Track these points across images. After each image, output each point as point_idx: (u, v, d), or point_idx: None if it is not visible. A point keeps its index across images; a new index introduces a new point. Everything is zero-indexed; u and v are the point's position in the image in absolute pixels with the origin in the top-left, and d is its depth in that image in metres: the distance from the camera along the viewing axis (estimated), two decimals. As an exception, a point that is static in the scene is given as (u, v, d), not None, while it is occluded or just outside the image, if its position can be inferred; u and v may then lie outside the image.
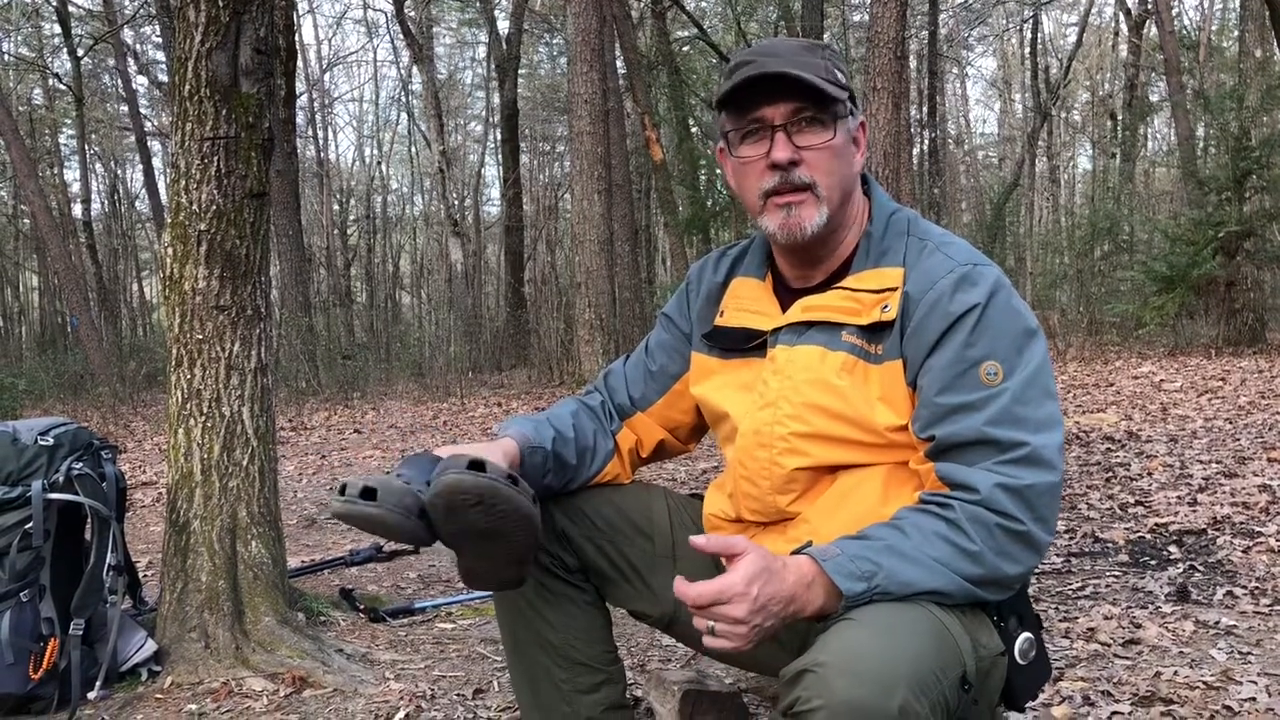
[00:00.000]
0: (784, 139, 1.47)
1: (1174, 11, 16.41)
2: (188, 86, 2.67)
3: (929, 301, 1.41)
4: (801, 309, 1.53)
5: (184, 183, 2.70)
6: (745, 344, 1.60)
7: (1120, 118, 22.32)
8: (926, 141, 21.33)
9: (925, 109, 21.40)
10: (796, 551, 1.31)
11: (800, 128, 1.47)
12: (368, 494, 1.30)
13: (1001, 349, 1.38)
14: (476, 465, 1.32)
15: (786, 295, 1.59)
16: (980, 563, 1.30)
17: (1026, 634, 1.39)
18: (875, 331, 1.46)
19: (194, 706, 2.47)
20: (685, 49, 18.89)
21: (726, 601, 1.20)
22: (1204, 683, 2.25)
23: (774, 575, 1.23)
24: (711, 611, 1.22)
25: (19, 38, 22.38)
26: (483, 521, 1.34)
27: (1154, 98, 22.96)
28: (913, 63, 19.04)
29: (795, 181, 1.47)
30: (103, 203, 27.57)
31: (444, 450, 1.45)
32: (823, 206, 1.48)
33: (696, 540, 1.27)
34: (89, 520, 2.61)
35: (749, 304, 1.62)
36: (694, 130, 16.40)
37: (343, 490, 1.32)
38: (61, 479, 2.54)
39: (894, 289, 1.46)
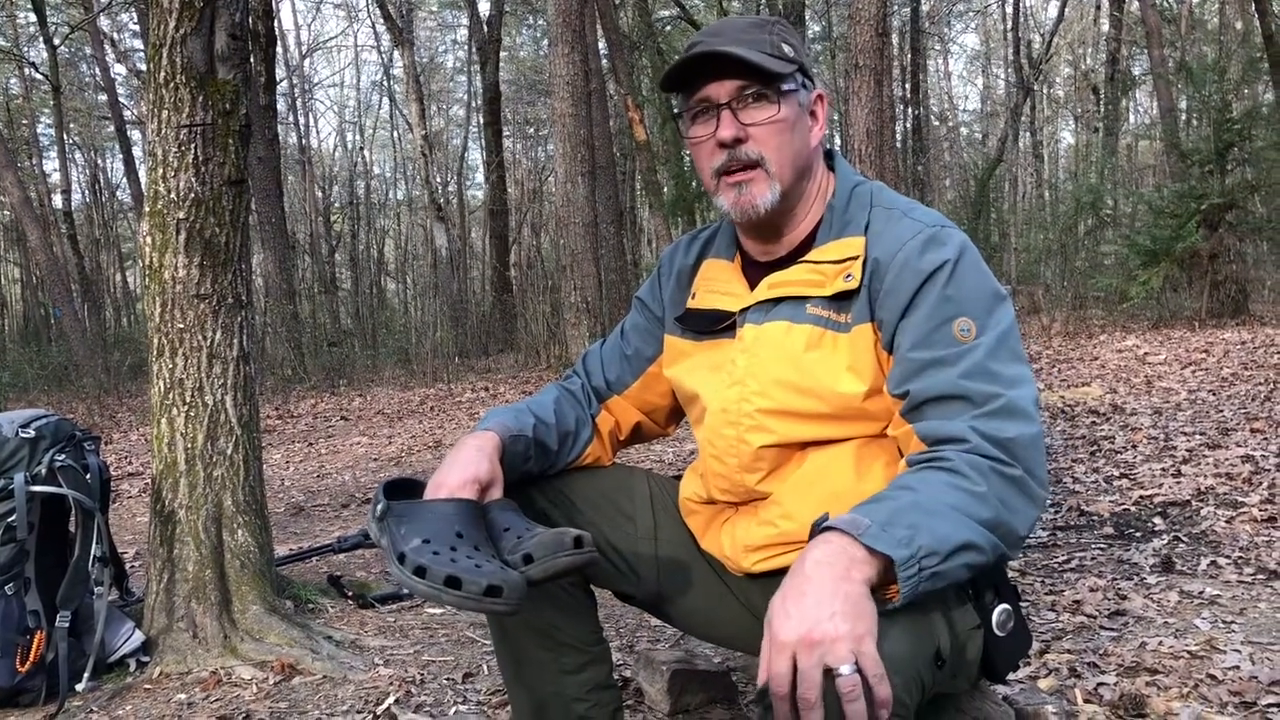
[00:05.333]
0: (729, 117, 1.48)
1: (1155, -16, 16.38)
2: (163, 73, 2.65)
3: (899, 262, 1.41)
4: (768, 286, 1.53)
5: (161, 171, 2.68)
6: (716, 325, 1.60)
7: (1102, 91, 22.33)
8: (910, 119, 21.31)
9: (908, 86, 21.38)
10: (817, 525, 1.23)
11: (746, 105, 1.48)
12: (492, 591, 1.24)
13: (973, 307, 1.39)
14: (578, 541, 1.34)
15: (755, 271, 1.59)
16: (989, 505, 1.26)
17: (1004, 606, 1.39)
18: (841, 300, 1.46)
19: (183, 696, 2.47)
20: (667, 29, 18.81)
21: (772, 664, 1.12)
22: (1188, 652, 2.27)
23: (776, 598, 1.16)
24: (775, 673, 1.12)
25: (-6, 27, 22.15)
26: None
27: (1136, 71, 22.98)
28: (895, 40, 19.02)
29: (743, 158, 1.48)
30: (83, 193, 27.36)
31: (428, 478, 1.46)
32: (774, 183, 1.48)
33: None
34: (73, 512, 2.60)
35: (719, 285, 1.63)
36: (677, 110, 16.35)
37: (458, 584, 1.24)
38: (44, 471, 2.53)
39: (855, 257, 1.46)
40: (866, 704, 1.08)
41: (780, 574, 1.51)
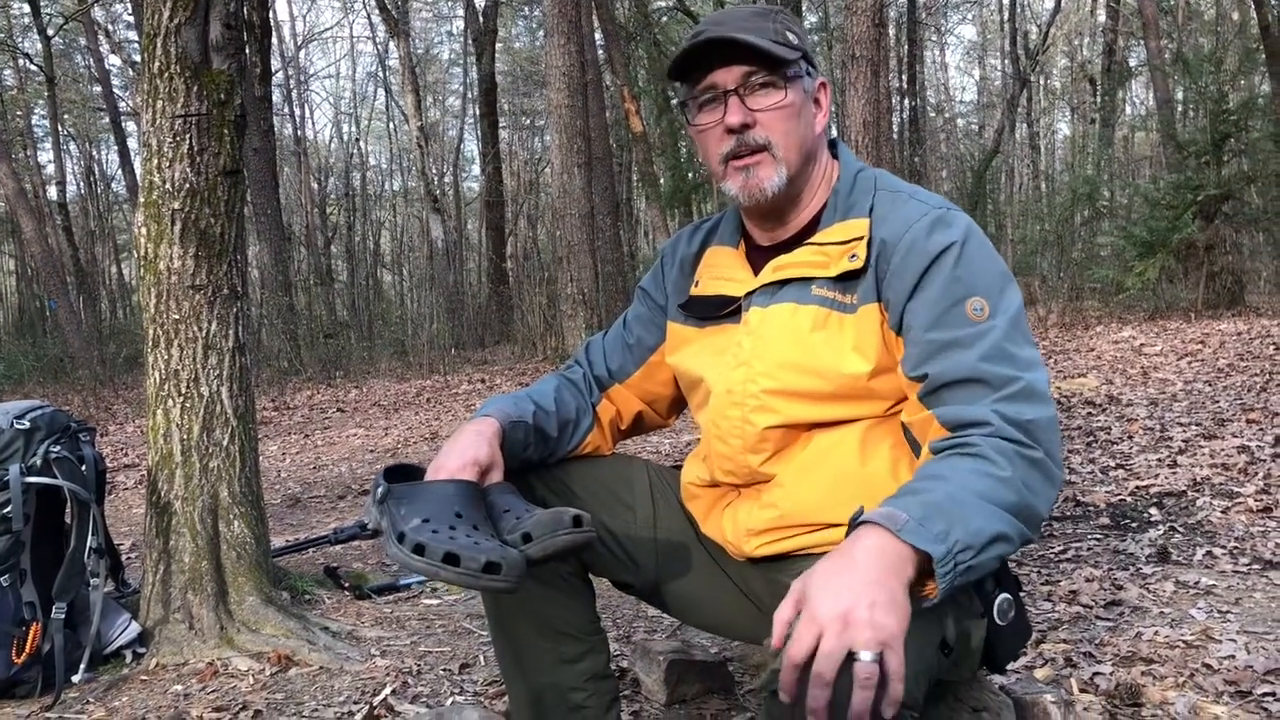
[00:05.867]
0: (737, 103, 1.48)
1: (1152, -25, 16.35)
2: (157, 63, 2.64)
3: (906, 243, 1.42)
4: (773, 269, 1.54)
5: (156, 161, 2.67)
6: (720, 311, 1.61)
7: (1099, 83, 22.32)
8: (906, 110, 21.30)
9: (905, 77, 21.37)
10: (854, 520, 1.22)
11: (753, 90, 1.48)
12: (491, 568, 1.24)
13: (984, 286, 1.39)
14: (577, 521, 1.34)
15: (759, 256, 1.60)
16: (1014, 489, 1.26)
17: (1005, 595, 1.39)
18: (846, 281, 1.47)
19: (179, 688, 2.47)
20: (664, 19, 18.76)
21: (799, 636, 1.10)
22: (1184, 642, 2.28)
23: (818, 571, 1.14)
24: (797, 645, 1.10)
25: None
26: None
27: (1133, 62, 22.96)
28: (891, 30, 18.99)
29: (751, 143, 1.49)
30: (78, 184, 27.33)
31: (427, 462, 1.46)
32: (780, 167, 1.49)
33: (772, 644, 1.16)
34: (68, 503, 2.59)
35: (723, 271, 1.63)
36: (674, 101, 16.32)
37: (457, 561, 1.23)
38: (39, 462, 2.52)
39: (860, 238, 1.47)
40: (876, 697, 1.06)
41: (781, 559, 1.52)
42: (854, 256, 1.46)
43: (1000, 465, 1.27)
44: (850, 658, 1.07)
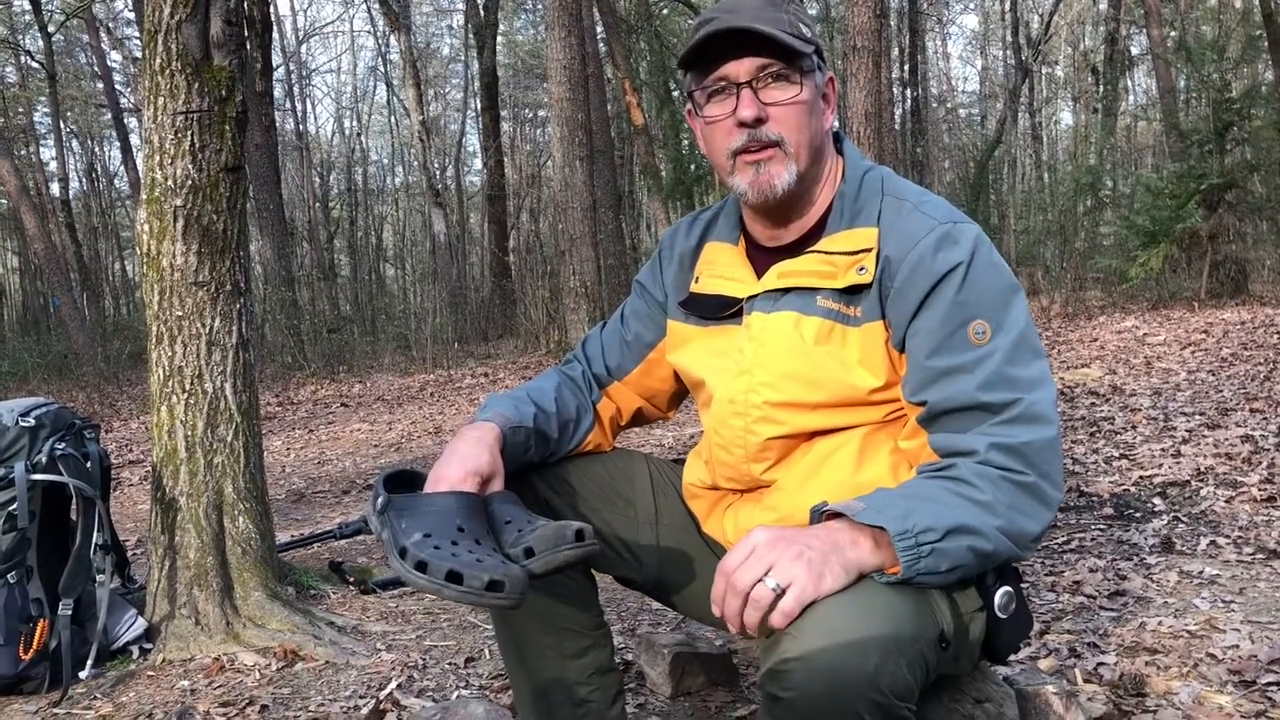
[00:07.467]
0: (750, 96, 1.44)
1: (1154, -37, 16.27)
2: (158, 60, 2.64)
3: (911, 262, 1.39)
4: (777, 275, 1.51)
5: (158, 158, 2.67)
6: (721, 311, 1.58)
7: (1101, 72, 22.25)
8: (908, 101, 21.24)
9: (906, 68, 21.31)
10: (815, 512, 1.29)
11: (766, 84, 1.44)
12: (494, 586, 1.24)
13: (987, 307, 1.37)
14: (579, 535, 1.33)
15: (760, 256, 1.57)
16: (995, 513, 1.27)
17: (1005, 588, 1.39)
18: (852, 294, 1.44)
19: (186, 683, 2.48)
20: (665, 11, 18.71)
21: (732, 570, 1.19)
22: (1188, 632, 2.28)
23: (775, 532, 1.22)
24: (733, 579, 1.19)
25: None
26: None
27: (1135, 50, 22.90)
28: (893, 21, 18.94)
29: (763, 138, 1.45)
30: (81, 181, 27.34)
31: (424, 466, 1.45)
32: (791, 163, 1.46)
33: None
34: (74, 500, 2.60)
35: (723, 270, 1.60)
36: (675, 94, 16.27)
37: (459, 579, 1.24)
38: (44, 459, 2.53)
39: (869, 249, 1.44)
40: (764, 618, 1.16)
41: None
42: (862, 269, 1.43)
43: (979, 489, 1.28)
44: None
